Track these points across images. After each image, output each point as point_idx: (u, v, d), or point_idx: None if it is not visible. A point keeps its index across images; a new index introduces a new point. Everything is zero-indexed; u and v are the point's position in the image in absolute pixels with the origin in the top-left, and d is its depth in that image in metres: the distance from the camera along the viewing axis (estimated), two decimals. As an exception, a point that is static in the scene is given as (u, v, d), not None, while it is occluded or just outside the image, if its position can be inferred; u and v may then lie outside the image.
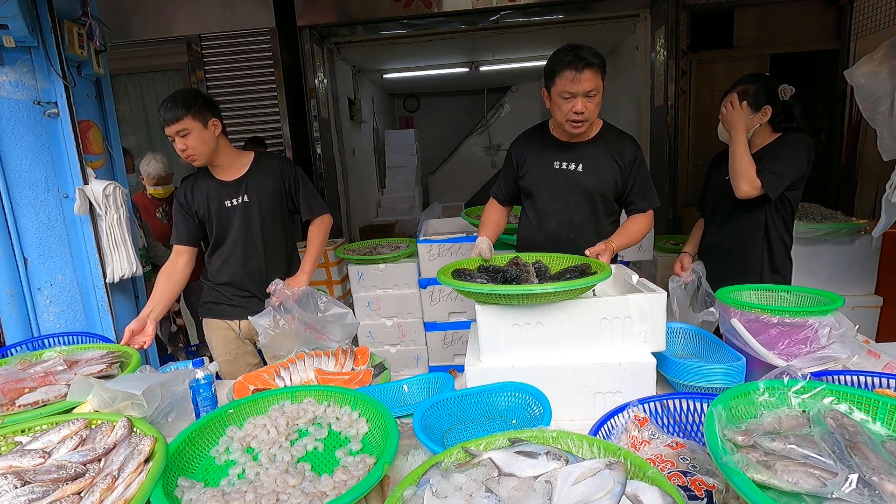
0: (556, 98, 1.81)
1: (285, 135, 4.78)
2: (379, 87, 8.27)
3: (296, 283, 2.04)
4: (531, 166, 2.00)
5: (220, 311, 2.17)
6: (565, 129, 1.89)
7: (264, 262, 2.12)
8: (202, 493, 1.01)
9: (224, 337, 2.19)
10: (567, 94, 1.77)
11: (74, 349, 1.72)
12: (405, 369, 3.48)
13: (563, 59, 1.75)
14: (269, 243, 2.13)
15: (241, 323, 2.17)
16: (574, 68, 1.73)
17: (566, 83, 1.76)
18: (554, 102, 1.84)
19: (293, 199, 2.17)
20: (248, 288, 2.13)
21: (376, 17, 4.65)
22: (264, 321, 1.88)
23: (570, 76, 1.74)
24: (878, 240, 2.35)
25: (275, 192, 2.11)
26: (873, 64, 1.82)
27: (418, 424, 1.16)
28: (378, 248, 3.69)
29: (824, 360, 1.38)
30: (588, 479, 0.82)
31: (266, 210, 2.10)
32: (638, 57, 5.11)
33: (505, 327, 1.38)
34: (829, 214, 2.44)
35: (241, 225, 2.08)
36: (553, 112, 1.87)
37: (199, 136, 1.92)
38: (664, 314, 1.37)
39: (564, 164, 1.95)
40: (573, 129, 1.85)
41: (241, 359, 2.20)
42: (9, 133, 1.89)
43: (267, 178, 2.10)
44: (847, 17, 4.34)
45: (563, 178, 1.95)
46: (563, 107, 1.80)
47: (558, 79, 1.77)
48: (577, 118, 1.81)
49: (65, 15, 1.93)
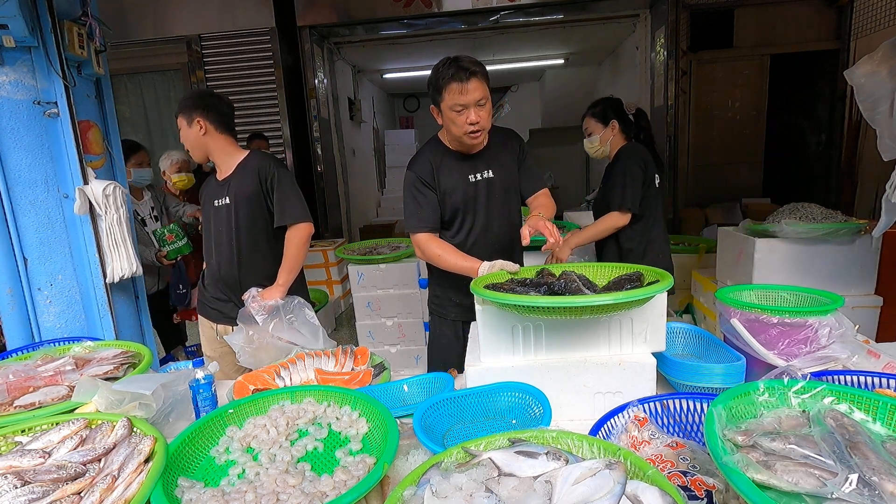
0: (447, 113, 1.79)
1: (285, 135, 4.78)
2: (379, 87, 8.28)
3: (269, 296, 1.96)
4: (449, 186, 1.92)
5: (204, 311, 2.21)
6: (464, 142, 1.85)
7: (237, 268, 2.07)
8: (202, 493, 1.01)
9: (209, 336, 2.23)
10: (458, 106, 1.75)
11: (99, 345, 1.75)
12: (405, 369, 3.48)
13: (445, 73, 1.74)
14: (245, 249, 2.06)
15: (217, 326, 2.18)
16: (458, 80, 1.72)
17: (455, 96, 1.73)
18: (447, 117, 1.80)
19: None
20: (223, 292, 2.12)
21: (376, 17, 4.66)
22: (238, 339, 1.86)
23: (456, 88, 1.72)
24: (878, 240, 2.35)
25: (253, 195, 2.03)
26: (873, 64, 1.82)
27: (418, 424, 1.16)
28: (378, 248, 3.69)
29: (824, 360, 1.38)
30: (588, 479, 0.82)
31: (242, 214, 2.03)
32: (638, 57, 5.12)
33: (505, 327, 1.38)
34: (829, 214, 2.44)
35: (221, 227, 2.08)
36: (448, 127, 1.84)
37: (184, 134, 2.06)
38: (664, 314, 1.37)
39: (479, 174, 1.94)
40: (472, 141, 1.83)
41: (224, 358, 2.17)
42: (9, 133, 1.89)
43: (246, 180, 2.03)
44: (847, 17, 4.34)
45: (485, 188, 1.94)
46: (458, 120, 1.77)
47: (446, 93, 1.75)
48: (474, 129, 1.79)
49: (65, 15, 1.93)
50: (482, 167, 1.94)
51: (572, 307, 1.23)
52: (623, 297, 1.19)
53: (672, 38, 4.50)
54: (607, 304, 1.19)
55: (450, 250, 1.88)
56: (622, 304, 1.22)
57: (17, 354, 1.74)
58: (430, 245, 1.90)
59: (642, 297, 1.23)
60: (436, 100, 1.81)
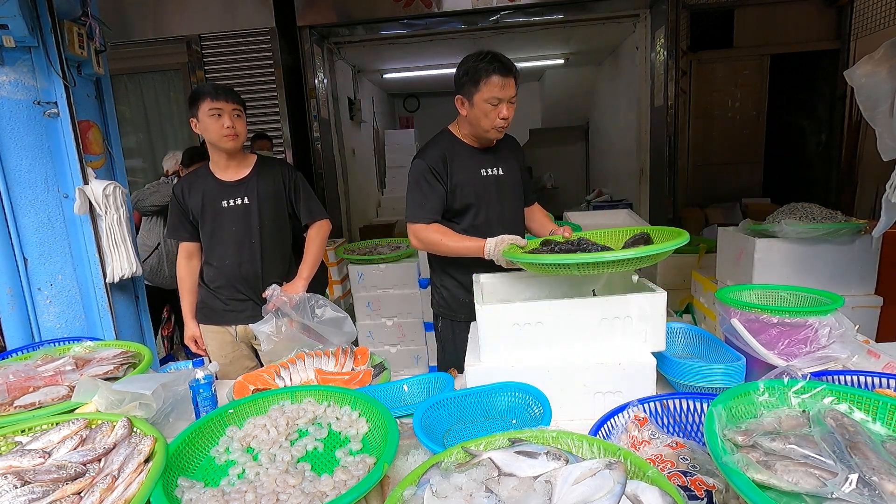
0: (481, 105, 1.80)
1: (285, 135, 4.78)
2: (379, 87, 8.28)
3: (293, 290, 2.04)
4: (461, 179, 1.92)
5: (216, 318, 2.17)
6: (487, 136, 1.88)
7: (261, 265, 2.12)
8: (202, 493, 1.01)
9: (220, 340, 2.19)
10: (495, 99, 1.77)
11: (99, 346, 1.74)
12: (405, 369, 3.48)
13: (487, 66, 1.76)
14: (267, 247, 2.13)
15: (237, 327, 2.18)
16: (502, 74, 1.75)
17: (494, 89, 1.76)
18: (479, 109, 1.81)
19: (293, 204, 2.18)
20: (243, 291, 2.13)
21: (376, 17, 4.65)
22: (266, 328, 1.88)
23: (498, 82, 1.75)
24: (878, 240, 2.35)
25: (276, 196, 2.13)
26: (873, 64, 1.81)
27: (418, 424, 1.16)
28: (378, 248, 3.69)
29: (824, 360, 1.38)
30: (588, 479, 0.82)
31: (266, 213, 2.11)
32: (638, 57, 5.12)
33: (505, 327, 1.38)
34: (829, 214, 2.43)
35: (238, 227, 2.09)
36: (476, 120, 1.85)
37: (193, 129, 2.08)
38: (664, 314, 1.37)
39: (490, 170, 1.97)
40: (497, 135, 1.88)
41: (237, 362, 2.20)
42: (9, 133, 1.89)
43: (268, 182, 2.12)
44: (847, 17, 4.34)
45: (495, 183, 1.97)
46: (491, 113, 1.80)
47: (484, 85, 1.77)
48: (503, 124, 1.83)
49: (65, 15, 1.93)
50: (493, 163, 1.98)
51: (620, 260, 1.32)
52: (657, 249, 1.33)
53: (672, 38, 4.49)
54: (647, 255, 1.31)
55: (451, 234, 1.87)
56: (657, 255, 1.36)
57: (17, 354, 1.74)
58: (429, 232, 1.87)
59: (670, 248, 1.35)
60: (468, 91, 1.82)
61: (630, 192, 5.79)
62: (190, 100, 2.02)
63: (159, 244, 3.36)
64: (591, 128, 8.64)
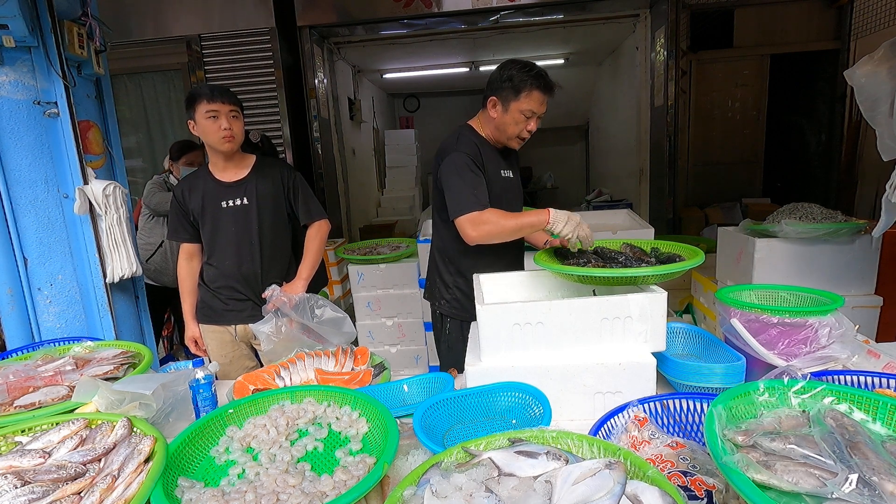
0: (515, 113, 1.84)
1: (285, 135, 4.78)
2: (379, 87, 8.27)
3: (292, 290, 2.05)
4: (488, 176, 1.93)
5: (216, 317, 2.18)
6: (509, 143, 1.95)
7: (261, 265, 2.13)
8: (202, 493, 1.01)
9: (220, 340, 2.20)
10: (530, 112, 1.84)
11: (99, 346, 1.74)
12: (405, 369, 3.48)
13: (534, 81, 1.80)
14: (267, 247, 2.13)
15: (237, 327, 2.18)
16: (545, 91, 1.81)
17: (534, 103, 1.82)
18: (512, 117, 1.85)
19: (292, 204, 2.19)
20: (243, 291, 2.14)
21: (376, 17, 4.65)
22: (266, 328, 1.88)
23: (539, 98, 1.83)
24: (878, 240, 2.35)
25: (274, 196, 2.14)
26: (873, 64, 1.81)
27: (418, 424, 1.16)
28: (378, 248, 3.69)
29: (824, 360, 1.38)
30: (588, 479, 0.82)
31: (265, 214, 2.11)
32: (638, 57, 5.12)
33: (505, 327, 1.38)
34: (829, 214, 2.44)
35: (238, 227, 2.09)
36: (505, 125, 1.88)
37: None
38: (664, 314, 1.37)
39: (505, 171, 2.03)
40: (518, 145, 1.96)
41: (237, 362, 2.20)
42: (9, 133, 1.89)
43: (267, 183, 2.12)
44: (847, 17, 4.34)
45: (509, 185, 2.03)
46: (521, 123, 1.86)
47: (525, 97, 1.81)
48: (527, 136, 1.91)
49: (65, 15, 1.93)
50: (507, 166, 2.04)
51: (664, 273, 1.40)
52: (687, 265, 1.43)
53: (672, 38, 4.49)
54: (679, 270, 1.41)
55: (506, 213, 1.78)
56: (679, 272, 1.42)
57: (17, 354, 1.74)
58: (488, 216, 1.75)
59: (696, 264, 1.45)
60: (506, 96, 1.85)
61: (630, 192, 5.79)
62: (186, 102, 2.02)
63: (163, 242, 3.35)
64: (590, 128, 8.64)
